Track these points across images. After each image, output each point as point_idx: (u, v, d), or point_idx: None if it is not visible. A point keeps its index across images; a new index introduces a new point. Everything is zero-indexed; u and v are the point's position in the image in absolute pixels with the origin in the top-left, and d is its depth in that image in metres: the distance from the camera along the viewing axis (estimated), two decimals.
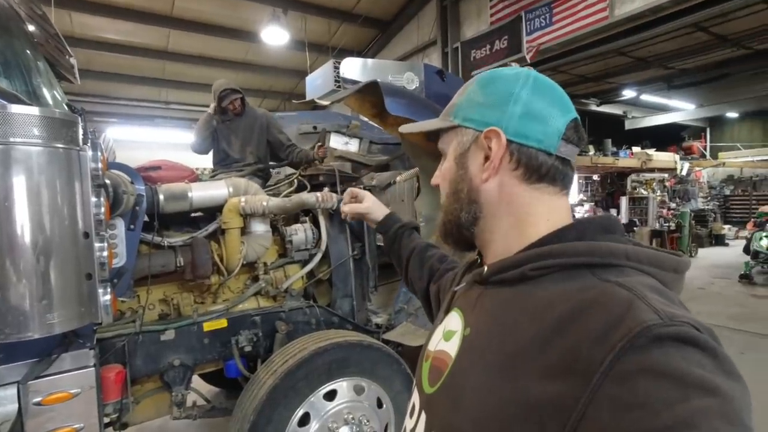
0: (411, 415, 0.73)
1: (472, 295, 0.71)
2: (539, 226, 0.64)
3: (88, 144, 1.48)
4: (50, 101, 1.62)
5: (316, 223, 2.80)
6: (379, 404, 2.27)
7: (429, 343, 0.77)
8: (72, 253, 1.41)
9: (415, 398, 0.74)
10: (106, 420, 1.98)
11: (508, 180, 0.65)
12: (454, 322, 0.72)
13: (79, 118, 1.49)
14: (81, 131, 1.48)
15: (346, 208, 1.25)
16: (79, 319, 1.44)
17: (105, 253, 1.51)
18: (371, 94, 2.22)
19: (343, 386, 2.17)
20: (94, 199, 1.48)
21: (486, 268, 0.68)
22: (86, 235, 1.46)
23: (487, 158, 0.66)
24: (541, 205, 0.65)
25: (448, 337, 0.71)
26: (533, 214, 0.65)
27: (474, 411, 0.57)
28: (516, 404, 0.51)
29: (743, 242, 9.08)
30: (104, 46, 9.02)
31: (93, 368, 1.72)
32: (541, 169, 0.64)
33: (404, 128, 0.83)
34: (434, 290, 1.02)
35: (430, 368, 0.72)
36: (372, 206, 1.23)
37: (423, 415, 0.69)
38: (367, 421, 2.19)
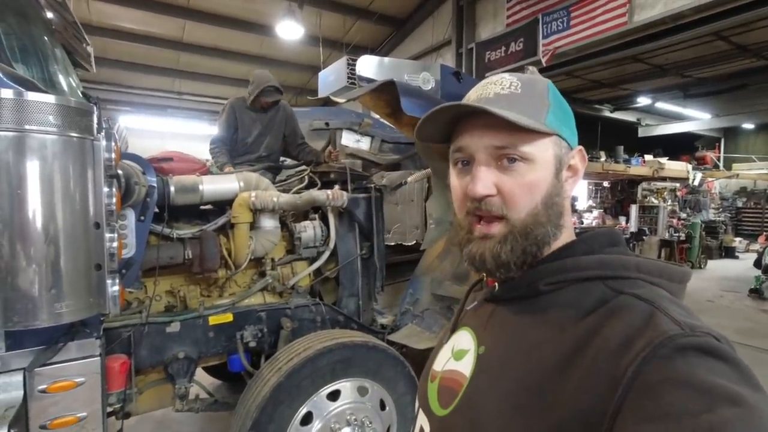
0: None
1: (483, 313, 0.69)
2: (566, 241, 0.65)
3: (102, 134, 1.48)
4: (66, 89, 1.62)
5: (325, 220, 2.78)
6: (382, 406, 2.25)
7: (434, 363, 0.75)
8: (82, 243, 1.41)
9: (423, 421, 0.70)
10: (109, 409, 1.98)
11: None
12: (464, 340, 0.70)
13: (95, 108, 1.48)
14: (96, 120, 1.47)
15: None
16: (87, 309, 1.44)
17: (115, 244, 1.51)
18: (386, 92, 2.19)
19: (346, 387, 2.16)
20: (106, 190, 1.48)
21: (497, 286, 0.67)
22: (97, 225, 1.45)
23: (571, 172, 0.66)
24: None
25: (459, 356, 0.69)
26: (570, 228, 0.66)
27: None
28: (543, 426, 0.50)
29: (754, 255, 8.96)
30: (120, 34, 9.06)
31: (98, 358, 1.71)
32: None
33: (479, 107, 0.60)
34: None
35: (439, 389, 0.69)
36: None
37: None
38: (370, 422, 2.17)
